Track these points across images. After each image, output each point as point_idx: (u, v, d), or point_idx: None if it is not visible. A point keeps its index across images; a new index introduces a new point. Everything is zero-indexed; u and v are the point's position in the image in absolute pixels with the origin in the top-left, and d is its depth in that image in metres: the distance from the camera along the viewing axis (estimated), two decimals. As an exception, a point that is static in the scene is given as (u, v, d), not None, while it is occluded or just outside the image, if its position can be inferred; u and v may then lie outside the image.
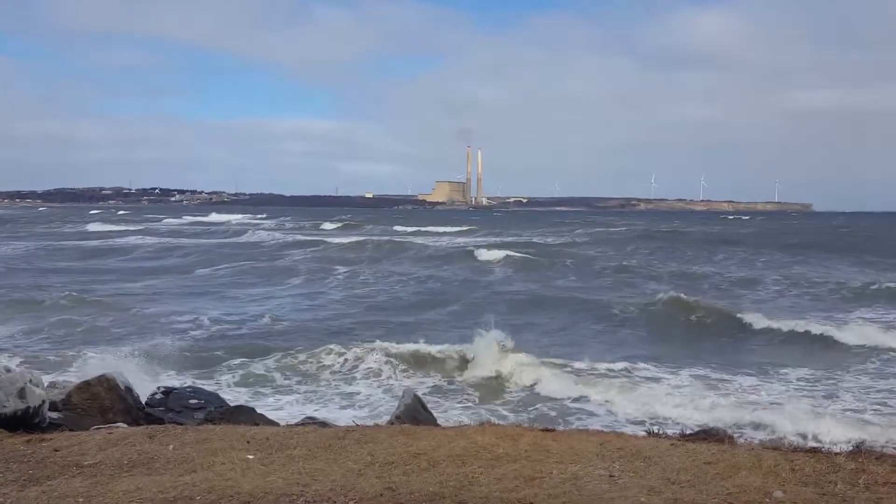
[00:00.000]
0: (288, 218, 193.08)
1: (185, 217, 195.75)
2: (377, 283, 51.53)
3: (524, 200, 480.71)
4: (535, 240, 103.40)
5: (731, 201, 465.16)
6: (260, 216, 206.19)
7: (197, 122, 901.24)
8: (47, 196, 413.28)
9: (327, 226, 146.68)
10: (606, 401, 22.47)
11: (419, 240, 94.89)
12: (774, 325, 33.19)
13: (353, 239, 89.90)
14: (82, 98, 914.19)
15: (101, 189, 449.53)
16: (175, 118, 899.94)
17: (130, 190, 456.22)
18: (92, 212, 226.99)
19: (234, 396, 21.93)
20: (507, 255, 66.34)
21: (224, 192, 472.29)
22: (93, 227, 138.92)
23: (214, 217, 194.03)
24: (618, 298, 42.14)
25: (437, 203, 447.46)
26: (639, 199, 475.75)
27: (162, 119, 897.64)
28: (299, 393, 23.92)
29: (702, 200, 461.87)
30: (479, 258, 67.41)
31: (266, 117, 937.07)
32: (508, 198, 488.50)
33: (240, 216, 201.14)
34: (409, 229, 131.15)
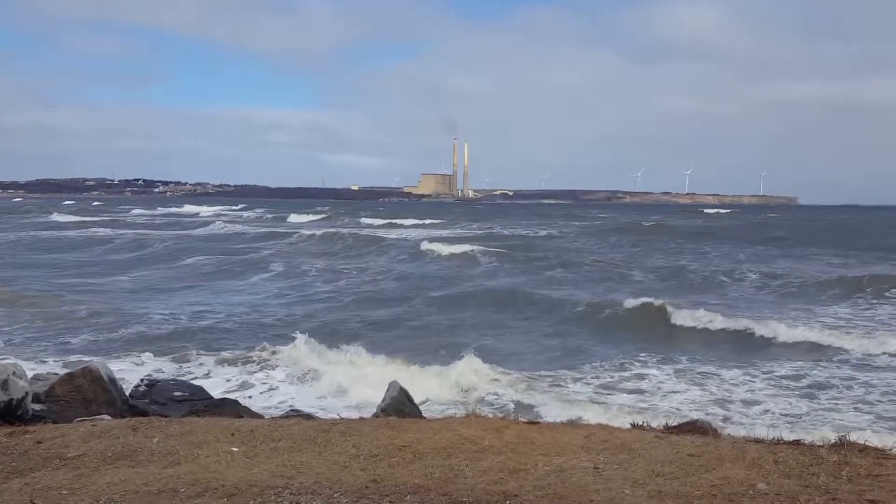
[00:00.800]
0: (262, 210, 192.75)
1: (158, 208, 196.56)
2: (318, 278, 51.21)
3: (510, 193, 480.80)
4: (506, 232, 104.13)
5: (716, 194, 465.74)
6: (235, 207, 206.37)
7: (180, 112, 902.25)
8: (30, 187, 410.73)
9: (296, 218, 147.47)
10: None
11: (384, 233, 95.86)
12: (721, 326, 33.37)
13: (321, 231, 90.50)
14: (62, 86, 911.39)
15: (85, 180, 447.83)
16: (158, 108, 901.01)
17: (113, 181, 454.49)
18: (66, 202, 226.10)
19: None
20: (467, 250, 66.30)
21: (208, 184, 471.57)
22: (58, 217, 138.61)
23: (188, 208, 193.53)
24: (563, 297, 41.64)
25: (424, 196, 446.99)
26: (624, 192, 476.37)
27: (145, 108, 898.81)
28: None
29: (687, 193, 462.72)
30: (434, 253, 67.57)
31: (249, 107, 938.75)
32: (495, 190, 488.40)
33: (214, 207, 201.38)
34: (379, 222, 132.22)
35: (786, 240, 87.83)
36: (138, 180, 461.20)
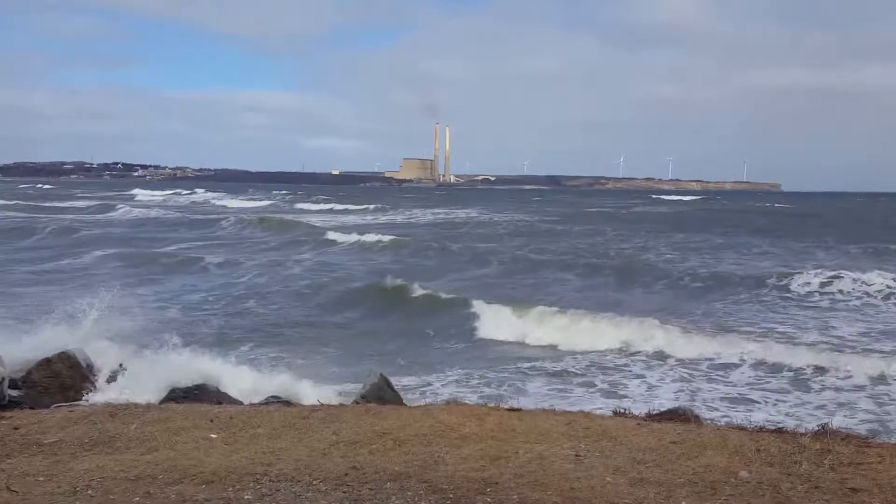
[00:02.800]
0: (220, 193, 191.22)
1: (110, 192, 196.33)
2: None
3: (492, 178, 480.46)
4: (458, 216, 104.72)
5: (699, 180, 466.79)
6: (185, 191, 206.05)
7: (158, 95, 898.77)
8: (7, 170, 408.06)
9: (233, 203, 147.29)
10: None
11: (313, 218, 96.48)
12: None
13: (250, 217, 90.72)
14: (38, 69, 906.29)
15: (63, 163, 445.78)
16: (137, 90, 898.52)
17: (92, 165, 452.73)
18: (21, 186, 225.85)
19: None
20: (380, 239, 64.87)
21: (188, 168, 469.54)
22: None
23: (138, 192, 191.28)
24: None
25: (405, 181, 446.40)
26: (607, 178, 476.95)
27: (124, 91, 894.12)
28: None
29: (670, 180, 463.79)
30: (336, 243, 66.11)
31: (228, 89, 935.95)
32: (476, 176, 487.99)
33: (166, 192, 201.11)
34: (317, 207, 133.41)
35: (732, 229, 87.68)
36: (117, 164, 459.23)
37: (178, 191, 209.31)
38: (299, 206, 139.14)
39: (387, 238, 64.76)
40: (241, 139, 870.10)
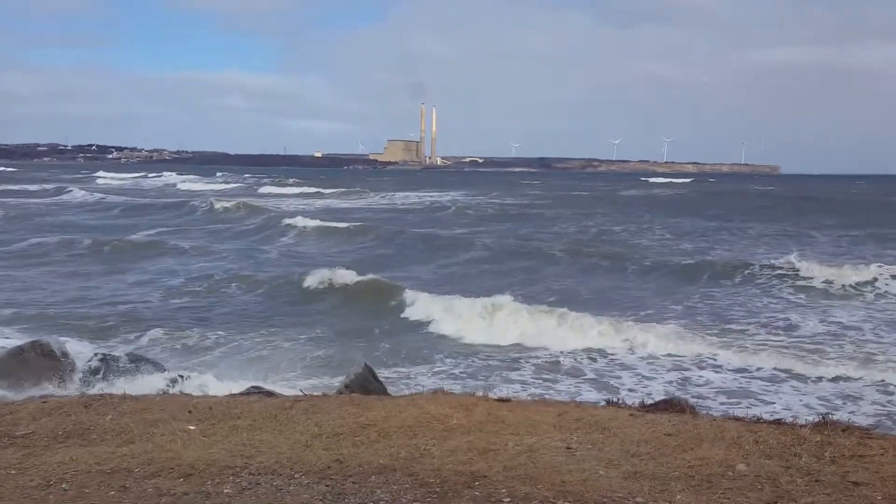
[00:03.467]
0: (190, 176, 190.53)
1: (75, 175, 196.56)
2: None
3: (480, 161, 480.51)
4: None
5: (696, 163, 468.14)
6: (153, 175, 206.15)
7: (135, 75, 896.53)
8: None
9: (199, 187, 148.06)
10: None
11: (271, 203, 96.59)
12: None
13: (209, 202, 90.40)
14: (9, 49, 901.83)
15: (37, 145, 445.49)
16: (112, 71, 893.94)
17: (66, 147, 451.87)
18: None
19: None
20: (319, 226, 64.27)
21: (165, 150, 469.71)
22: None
23: (101, 175, 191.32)
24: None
25: (390, 163, 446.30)
26: (600, 161, 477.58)
27: (97, 71, 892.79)
28: None
29: (665, 162, 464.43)
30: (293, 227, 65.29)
31: (206, 70, 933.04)
32: (463, 158, 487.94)
33: (132, 175, 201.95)
34: (285, 191, 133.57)
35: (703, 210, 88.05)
36: (91, 146, 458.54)
37: (145, 174, 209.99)
38: (268, 189, 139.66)
39: (355, 224, 64.43)
40: (221, 121, 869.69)
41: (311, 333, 27.89)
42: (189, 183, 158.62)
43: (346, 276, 36.07)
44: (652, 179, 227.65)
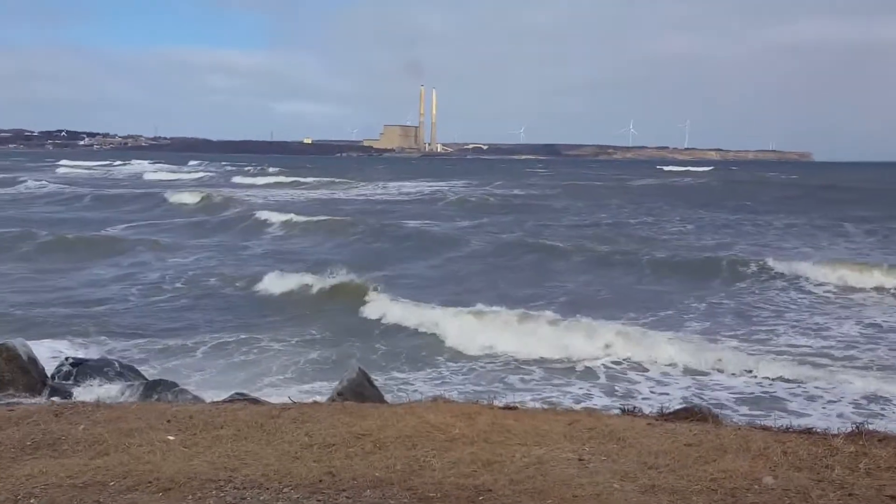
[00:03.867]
0: (161, 164, 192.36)
1: (34, 163, 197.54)
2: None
3: (484, 147, 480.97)
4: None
5: (719, 149, 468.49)
6: (120, 162, 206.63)
7: (108, 54, 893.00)
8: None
9: (168, 176, 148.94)
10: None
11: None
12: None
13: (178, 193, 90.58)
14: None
15: (0, 131, 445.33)
16: (80, 48, 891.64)
17: (33, 133, 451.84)
18: None
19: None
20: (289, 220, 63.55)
21: (141, 136, 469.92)
22: None
23: (64, 164, 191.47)
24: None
25: (386, 150, 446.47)
26: (615, 147, 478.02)
27: (68, 51, 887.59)
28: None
29: (686, 149, 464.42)
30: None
31: (186, 47, 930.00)
32: (466, 144, 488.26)
33: (98, 163, 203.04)
34: (257, 181, 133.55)
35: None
36: (61, 132, 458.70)
37: (112, 161, 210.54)
38: (240, 179, 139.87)
39: (333, 218, 63.87)
40: (203, 104, 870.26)
41: (284, 338, 27.81)
42: (157, 172, 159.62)
43: (310, 279, 35.93)
44: (668, 168, 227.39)
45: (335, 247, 53.03)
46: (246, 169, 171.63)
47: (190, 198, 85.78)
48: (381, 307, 31.30)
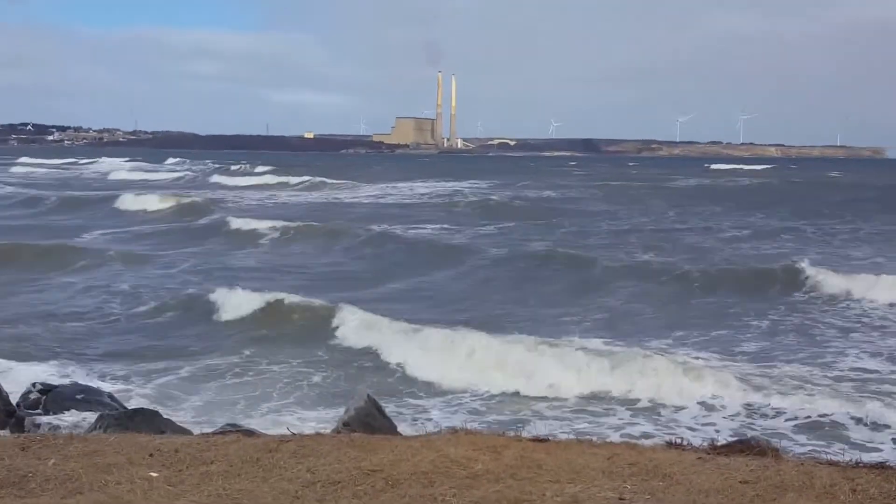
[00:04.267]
0: (136, 163, 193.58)
1: None
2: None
3: (511, 143, 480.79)
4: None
5: (780, 145, 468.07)
6: (86, 160, 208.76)
7: (80, 36, 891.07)
8: None
9: (138, 176, 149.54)
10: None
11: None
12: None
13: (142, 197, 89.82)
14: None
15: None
16: (46, 28, 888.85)
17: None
18: None
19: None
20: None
21: (118, 131, 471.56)
22: None
23: (23, 161, 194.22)
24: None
25: (398, 146, 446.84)
26: (660, 143, 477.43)
27: (29, 29, 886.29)
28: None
29: (742, 144, 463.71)
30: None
31: (167, 27, 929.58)
32: (491, 140, 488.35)
33: (60, 161, 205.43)
34: (232, 182, 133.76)
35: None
36: (27, 125, 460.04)
37: (79, 159, 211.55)
38: (218, 179, 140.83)
39: (325, 225, 63.88)
40: (189, 93, 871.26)
41: (283, 360, 27.96)
42: (126, 172, 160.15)
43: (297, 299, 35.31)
44: (714, 166, 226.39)
45: (322, 256, 53.44)
46: (233, 168, 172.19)
47: (156, 203, 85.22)
48: (384, 328, 30.92)
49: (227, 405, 22.95)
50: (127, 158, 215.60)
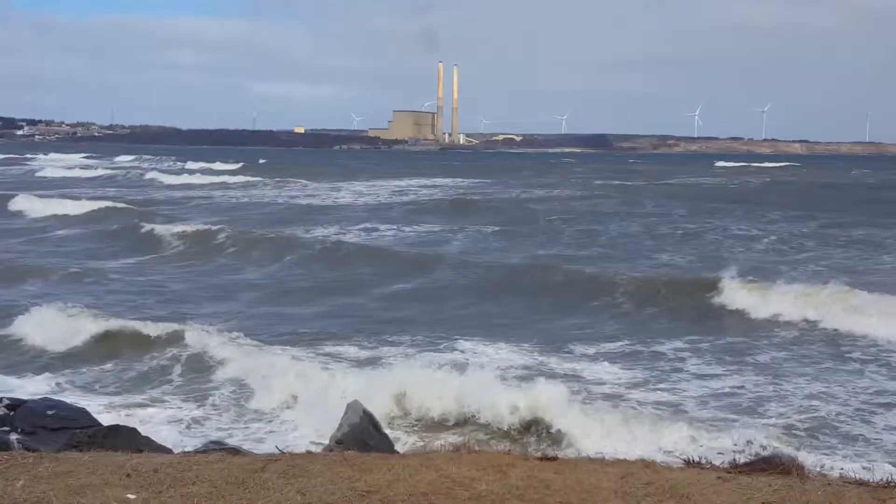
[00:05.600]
0: (95, 160, 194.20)
1: None
2: None
3: (517, 139, 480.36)
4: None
5: (804, 141, 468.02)
6: (29, 155, 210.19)
7: (48, 21, 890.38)
8: None
9: (57, 173, 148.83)
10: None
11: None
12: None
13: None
14: None
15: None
16: (15, 13, 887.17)
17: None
18: None
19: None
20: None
21: (94, 124, 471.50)
22: None
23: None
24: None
25: (396, 142, 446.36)
26: (677, 138, 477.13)
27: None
28: None
29: (765, 140, 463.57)
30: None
31: (147, 14, 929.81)
32: (496, 135, 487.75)
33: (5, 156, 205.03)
34: (178, 180, 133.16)
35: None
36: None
37: (23, 155, 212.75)
38: (154, 175, 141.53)
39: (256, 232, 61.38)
40: (169, 85, 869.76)
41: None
42: (63, 169, 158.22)
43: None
44: (721, 163, 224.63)
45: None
46: (190, 165, 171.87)
47: (44, 206, 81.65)
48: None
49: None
50: (83, 154, 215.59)
